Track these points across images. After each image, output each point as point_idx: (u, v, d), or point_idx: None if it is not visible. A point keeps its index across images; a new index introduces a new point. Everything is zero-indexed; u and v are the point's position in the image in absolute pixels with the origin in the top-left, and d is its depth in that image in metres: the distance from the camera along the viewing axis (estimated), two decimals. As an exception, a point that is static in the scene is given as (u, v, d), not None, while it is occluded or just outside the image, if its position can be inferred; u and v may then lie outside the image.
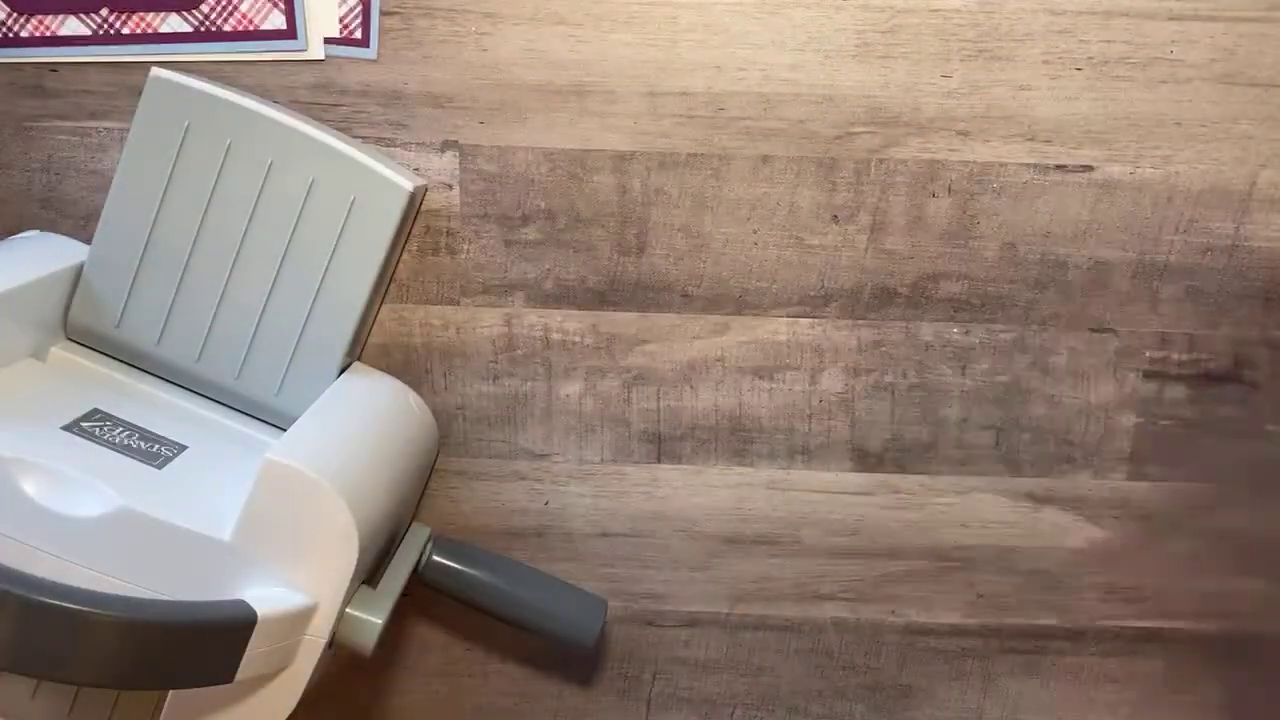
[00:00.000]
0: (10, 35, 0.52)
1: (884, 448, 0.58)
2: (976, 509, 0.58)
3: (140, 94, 0.50)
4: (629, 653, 0.60)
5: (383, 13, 0.52)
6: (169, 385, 0.53)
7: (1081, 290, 0.56)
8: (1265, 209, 0.55)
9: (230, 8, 0.52)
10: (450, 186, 0.54)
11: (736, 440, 0.57)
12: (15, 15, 0.52)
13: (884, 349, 0.56)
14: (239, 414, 0.53)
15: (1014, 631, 0.60)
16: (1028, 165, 0.54)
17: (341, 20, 0.52)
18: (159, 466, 0.45)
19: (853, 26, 0.52)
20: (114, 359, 0.53)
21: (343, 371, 0.53)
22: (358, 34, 0.52)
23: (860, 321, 0.56)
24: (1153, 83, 0.53)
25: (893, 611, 0.60)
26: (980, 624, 0.60)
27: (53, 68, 0.53)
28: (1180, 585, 0.59)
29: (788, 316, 0.56)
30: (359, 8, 0.52)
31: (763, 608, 0.60)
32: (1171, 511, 0.58)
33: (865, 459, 0.58)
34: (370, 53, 0.53)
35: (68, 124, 0.54)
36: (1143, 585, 0.59)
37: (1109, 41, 0.53)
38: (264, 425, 0.53)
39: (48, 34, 0.52)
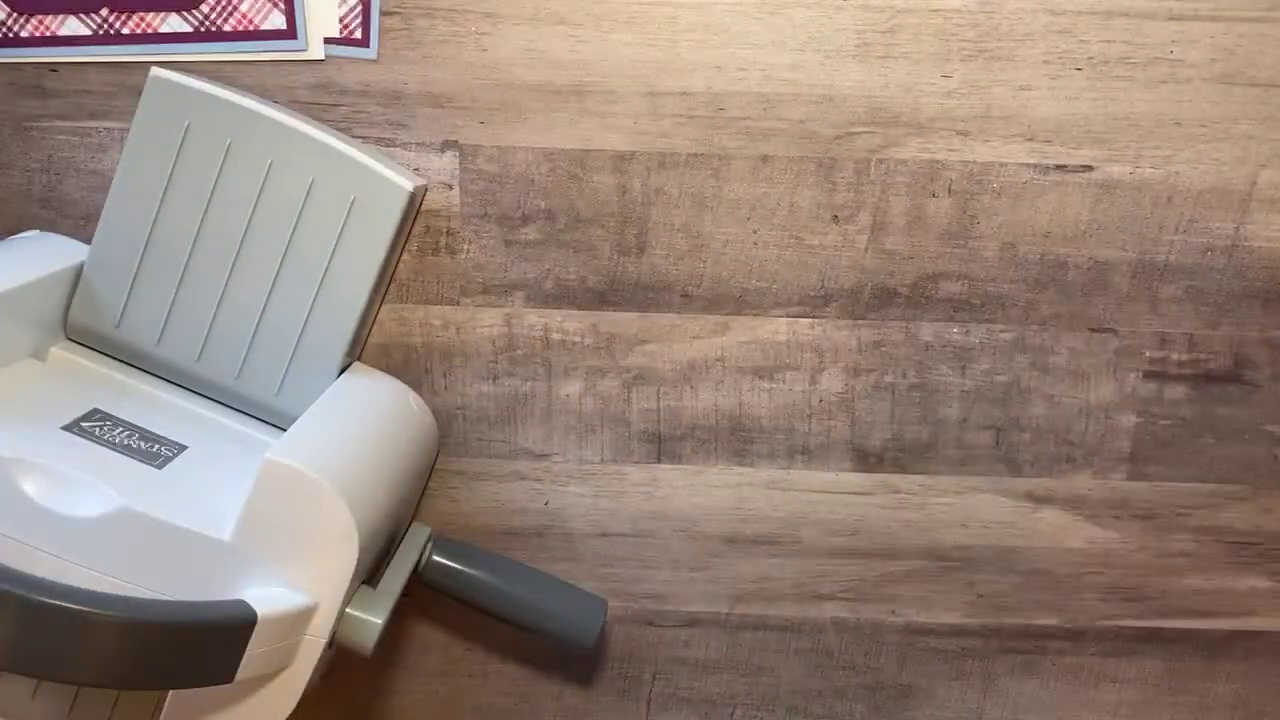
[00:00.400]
0: (10, 35, 0.52)
1: (884, 448, 0.58)
2: (976, 509, 0.58)
3: (140, 94, 0.50)
4: (629, 653, 0.60)
5: (383, 13, 0.52)
6: (169, 385, 0.53)
7: (1081, 290, 0.56)
8: (1265, 209, 0.55)
9: (230, 8, 0.52)
10: (450, 186, 0.54)
11: (736, 440, 0.57)
12: (15, 15, 0.52)
13: (884, 349, 0.56)
14: (239, 414, 0.53)
15: (1014, 631, 0.60)
16: (1028, 165, 0.54)
17: (341, 20, 0.52)
18: (159, 466, 0.45)
19: (853, 26, 0.52)
20: (114, 359, 0.53)
21: (343, 371, 0.53)
22: (358, 34, 0.52)
23: (860, 321, 0.56)
24: (1153, 83, 0.53)
25: (893, 611, 0.60)
26: (980, 624, 0.60)
27: (53, 68, 0.53)
28: (1180, 585, 0.59)
29: (788, 316, 0.56)
30: (359, 8, 0.52)
31: (763, 608, 0.60)
32: (1171, 511, 0.58)
33: (865, 459, 0.58)
34: (370, 53, 0.53)
35: (68, 124, 0.54)
36: (1143, 585, 0.59)
37: (1109, 41, 0.53)
38: (264, 425, 0.53)
39: (48, 34, 0.52)
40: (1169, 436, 0.57)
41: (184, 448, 0.47)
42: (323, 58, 0.53)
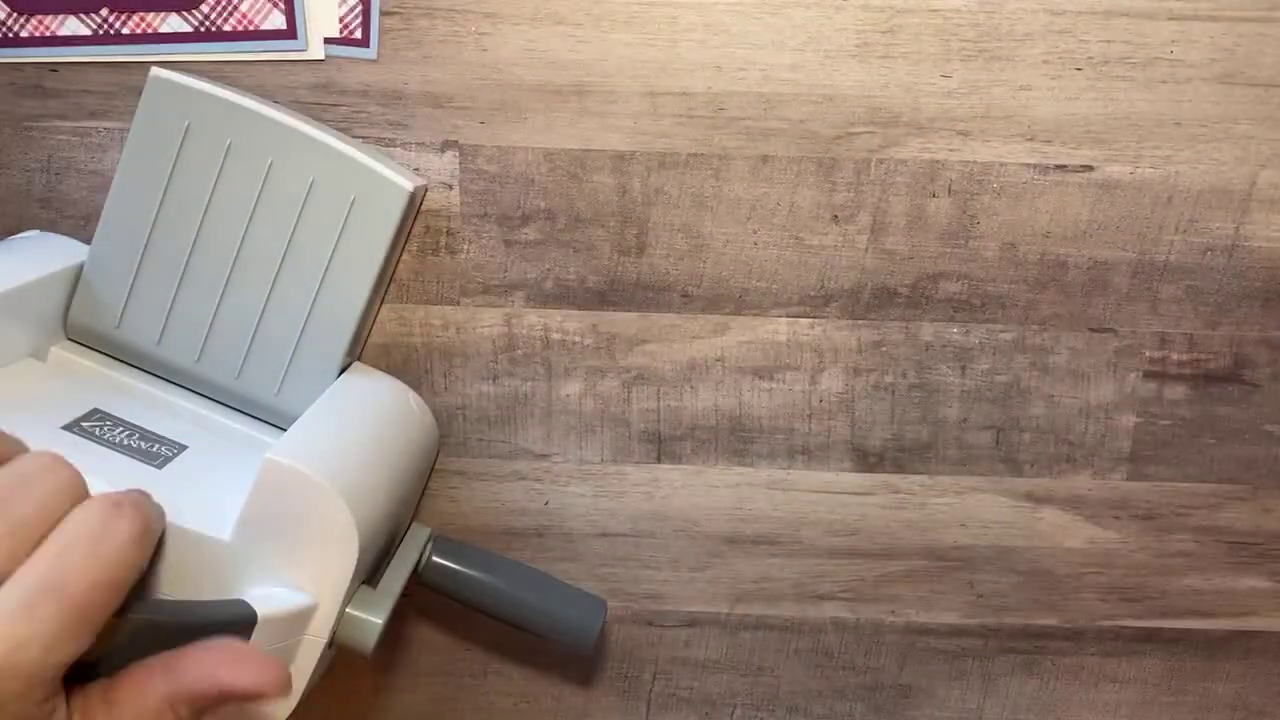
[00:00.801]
0: (10, 35, 0.52)
1: (884, 448, 0.58)
2: (976, 509, 0.58)
3: (140, 94, 0.50)
4: (629, 653, 0.60)
5: (383, 13, 0.52)
6: (169, 385, 0.53)
7: (1081, 290, 0.56)
8: (1265, 209, 0.55)
9: (230, 8, 0.52)
10: (450, 186, 0.54)
11: (736, 440, 0.57)
12: (15, 15, 0.52)
13: (884, 349, 0.56)
14: (239, 414, 0.54)
15: (1013, 631, 0.60)
16: (1028, 165, 0.54)
17: (341, 20, 0.52)
18: (159, 466, 0.45)
19: (853, 26, 0.52)
20: (114, 359, 0.53)
21: (343, 371, 0.53)
22: (358, 34, 0.52)
23: (860, 321, 0.56)
24: (1153, 83, 0.53)
25: (892, 611, 0.60)
26: (980, 624, 0.60)
27: (53, 68, 0.53)
28: (1180, 585, 0.59)
29: (788, 316, 0.56)
30: (359, 8, 0.52)
31: (763, 608, 0.60)
32: (1171, 511, 0.58)
33: (865, 459, 0.58)
34: (370, 53, 0.53)
35: (68, 124, 0.54)
36: (1143, 585, 0.59)
37: (1109, 41, 0.53)
38: (264, 425, 0.53)
39: (48, 34, 0.52)
40: (1169, 436, 0.57)
41: (184, 448, 0.47)
42: (323, 58, 0.53)
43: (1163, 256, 0.55)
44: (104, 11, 0.52)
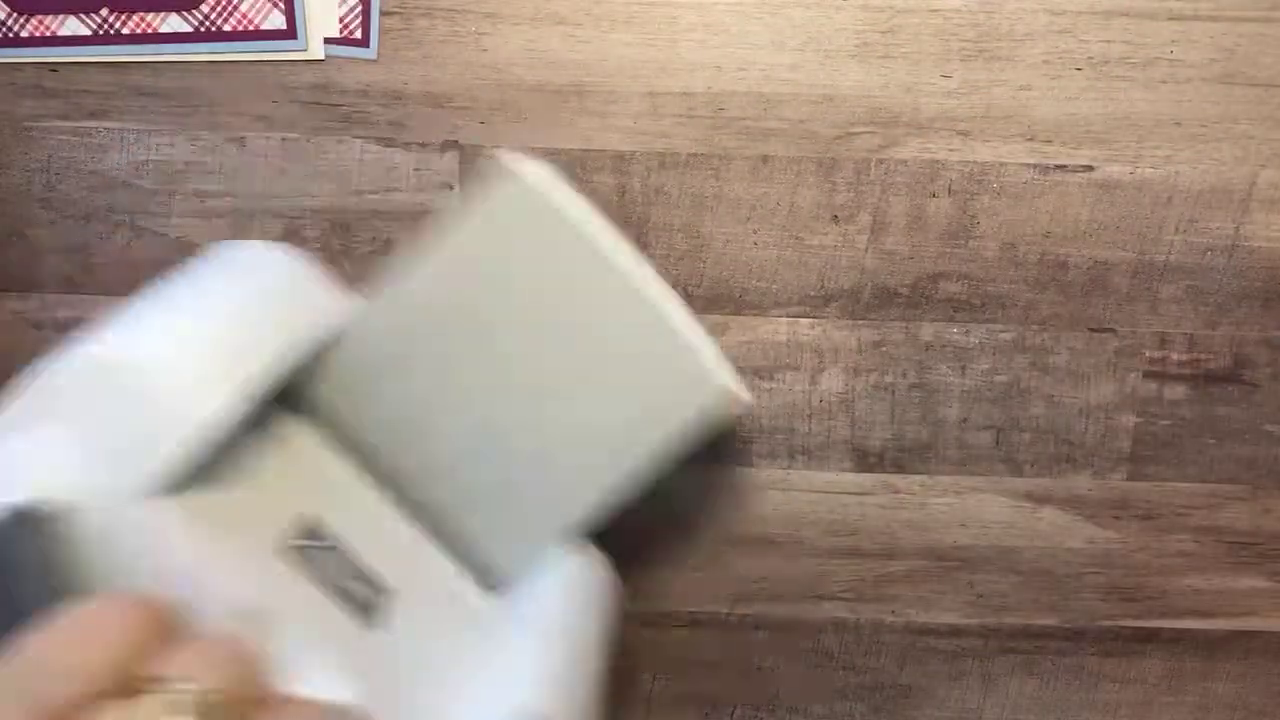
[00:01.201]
0: (10, 35, 0.52)
1: (884, 448, 0.58)
2: (976, 509, 0.58)
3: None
4: (629, 653, 0.60)
5: (383, 13, 0.52)
6: (375, 491, 0.47)
7: (1081, 290, 0.56)
8: (1265, 209, 0.55)
9: (230, 8, 0.52)
10: (450, 186, 0.54)
11: (736, 440, 0.57)
12: (15, 15, 0.52)
13: (884, 349, 0.56)
14: (430, 539, 0.48)
15: (1013, 631, 0.60)
16: (1028, 165, 0.54)
17: (341, 20, 0.52)
18: (370, 624, 0.40)
19: (853, 26, 0.52)
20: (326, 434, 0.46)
21: (559, 537, 0.47)
22: (358, 34, 0.52)
23: (860, 321, 0.56)
24: (1153, 83, 0.53)
25: (892, 611, 0.60)
26: (979, 624, 0.60)
27: (53, 68, 0.53)
28: (1180, 585, 0.59)
29: (788, 316, 0.56)
30: (359, 8, 0.52)
31: (763, 608, 0.60)
32: (1171, 511, 0.58)
33: (865, 459, 0.58)
34: (370, 53, 0.53)
35: (68, 124, 0.54)
36: (1143, 585, 0.59)
37: (1109, 41, 0.53)
38: (457, 563, 0.48)
39: (48, 34, 0.52)
40: (1169, 436, 0.57)
41: (392, 592, 0.42)
42: (323, 58, 0.53)
43: (1163, 256, 0.55)
44: (104, 11, 0.52)
